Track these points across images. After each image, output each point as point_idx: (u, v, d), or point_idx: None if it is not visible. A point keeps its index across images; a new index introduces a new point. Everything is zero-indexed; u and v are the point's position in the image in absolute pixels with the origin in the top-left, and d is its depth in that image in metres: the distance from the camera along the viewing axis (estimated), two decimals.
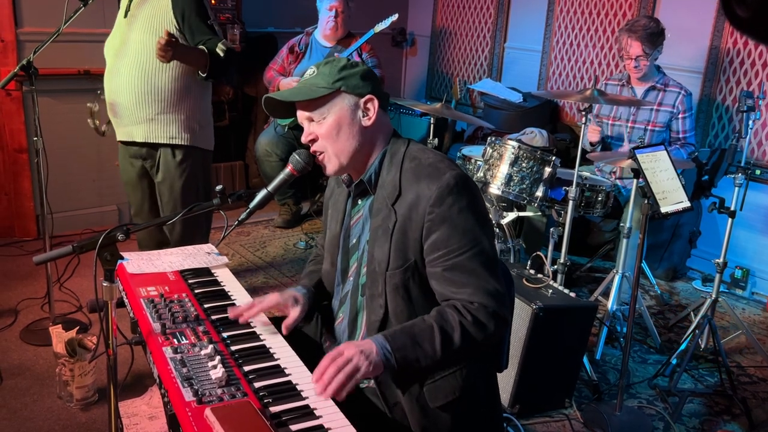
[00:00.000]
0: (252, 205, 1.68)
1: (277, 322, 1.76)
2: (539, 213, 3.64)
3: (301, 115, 1.66)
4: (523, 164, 3.19)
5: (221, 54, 2.77)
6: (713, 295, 3.10)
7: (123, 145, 3.00)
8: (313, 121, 1.63)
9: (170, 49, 2.61)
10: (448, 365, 1.58)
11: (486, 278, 1.54)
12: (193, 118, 2.91)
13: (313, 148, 1.66)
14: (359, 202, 1.72)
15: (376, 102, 1.62)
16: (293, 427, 1.33)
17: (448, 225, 1.54)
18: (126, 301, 1.83)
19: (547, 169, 3.17)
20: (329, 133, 1.62)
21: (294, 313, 1.72)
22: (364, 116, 1.62)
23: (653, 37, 3.53)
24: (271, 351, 1.60)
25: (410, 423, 1.60)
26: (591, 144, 3.72)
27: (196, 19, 2.80)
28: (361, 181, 1.67)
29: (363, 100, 1.62)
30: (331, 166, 1.66)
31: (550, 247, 3.29)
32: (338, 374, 1.39)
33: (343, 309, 1.76)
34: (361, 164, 1.67)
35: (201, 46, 2.78)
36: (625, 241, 3.20)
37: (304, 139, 1.66)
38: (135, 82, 2.79)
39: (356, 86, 1.61)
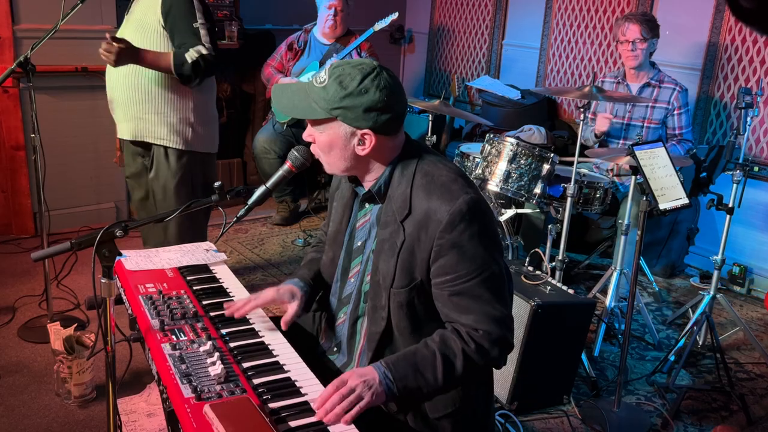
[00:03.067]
0: (250, 201, 1.67)
1: (276, 320, 1.75)
2: (537, 210, 3.65)
3: None
4: (522, 161, 3.19)
5: (188, 61, 2.69)
6: (711, 292, 3.10)
7: (123, 141, 3.03)
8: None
9: (110, 54, 2.59)
10: (449, 390, 1.58)
11: (492, 304, 1.53)
12: (186, 121, 2.87)
13: (312, 149, 1.65)
14: (367, 205, 1.70)
15: (373, 138, 1.54)
16: (292, 424, 1.33)
17: (458, 251, 1.51)
18: (124, 297, 1.83)
19: (546, 166, 3.17)
20: (322, 148, 1.60)
21: (291, 308, 1.72)
22: (359, 145, 1.56)
23: (650, 23, 3.55)
24: (270, 347, 1.60)
25: (411, 428, 1.60)
26: (596, 136, 3.71)
27: (180, 20, 2.74)
28: (369, 191, 1.64)
29: (360, 131, 1.54)
30: (326, 169, 1.65)
31: (549, 244, 3.30)
32: (341, 402, 1.39)
33: (344, 310, 1.74)
34: (360, 174, 1.64)
35: (170, 51, 2.74)
36: (623, 237, 3.20)
37: (304, 136, 1.65)
38: (126, 80, 2.81)
39: (354, 119, 1.52)
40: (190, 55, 2.71)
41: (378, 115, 1.53)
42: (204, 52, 2.72)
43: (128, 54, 2.65)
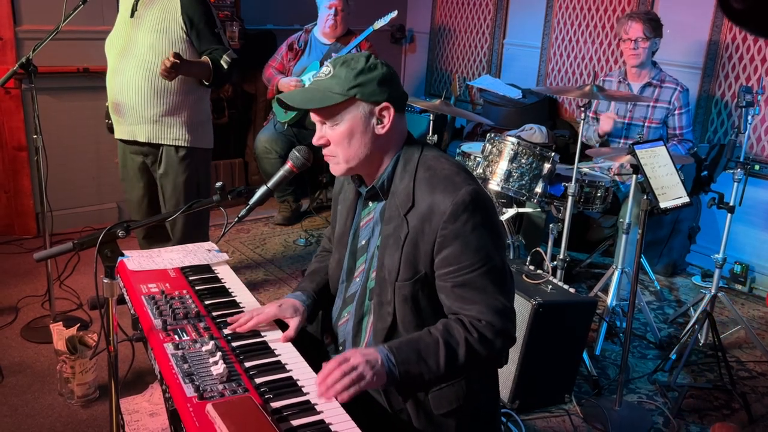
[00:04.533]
0: (252, 201, 1.68)
1: (278, 323, 1.75)
2: (538, 209, 3.65)
3: (313, 116, 1.62)
4: (523, 160, 3.19)
5: (225, 66, 2.80)
6: (713, 291, 3.10)
7: (122, 142, 3.02)
8: (325, 123, 1.60)
9: (174, 72, 2.63)
10: (450, 380, 1.59)
11: (495, 295, 1.54)
12: (195, 118, 2.93)
13: (325, 152, 1.63)
14: (370, 204, 1.71)
15: (392, 110, 1.57)
16: (294, 422, 1.34)
17: (461, 242, 1.52)
18: (127, 297, 1.83)
19: (546, 165, 3.18)
20: (341, 140, 1.58)
21: (293, 324, 1.70)
22: (378, 124, 1.57)
23: (653, 22, 3.55)
24: (272, 347, 1.61)
25: (414, 425, 1.60)
26: (600, 135, 3.71)
27: (204, 27, 2.81)
28: (372, 186, 1.65)
29: (378, 107, 1.56)
30: (338, 170, 1.64)
31: (550, 243, 3.30)
32: (343, 378, 1.39)
33: (348, 309, 1.74)
34: (371, 169, 1.64)
35: (205, 57, 2.80)
36: (624, 236, 3.20)
37: (315, 141, 1.63)
38: (141, 83, 2.81)
39: (372, 93, 1.55)
40: (225, 60, 2.79)
41: (391, 86, 1.58)
42: (234, 56, 2.83)
43: (183, 67, 2.68)
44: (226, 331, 1.65)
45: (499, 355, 1.60)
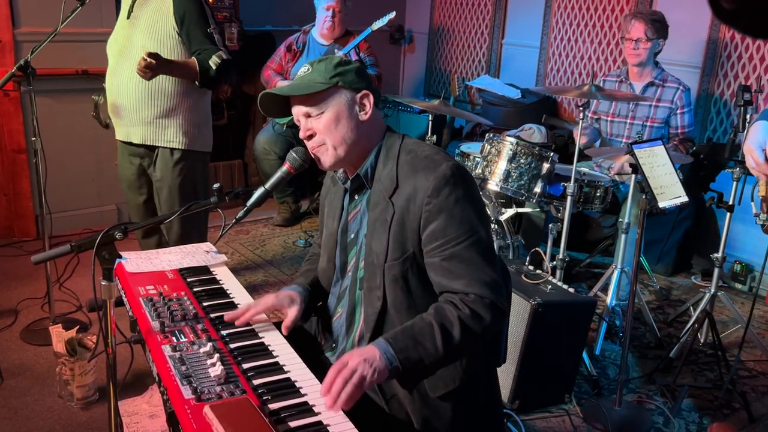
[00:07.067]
0: (249, 203, 1.68)
1: (278, 325, 1.76)
2: (538, 209, 3.65)
3: (298, 111, 1.65)
4: (522, 160, 3.19)
5: (213, 67, 2.77)
6: (712, 290, 3.10)
7: (122, 143, 3.02)
8: (310, 116, 1.64)
9: (149, 71, 2.61)
10: (450, 362, 1.59)
11: (483, 268, 1.55)
12: (190, 121, 2.91)
13: (311, 143, 1.65)
14: (356, 197, 1.73)
15: (371, 97, 1.65)
16: (292, 424, 1.34)
17: (446, 215, 1.55)
18: (125, 299, 1.83)
19: (545, 165, 3.17)
20: (328, 127, 1.62)
21: (291, 313, 1.73)
22: (360, 111, 1.64)
23: (657, 23, 3.54)
24: (270, 348, 1.61)
25: (410, 413, 1.61)
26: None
27: (195, 26, 2.79)
28: (357, 175, 1.68)
29: (359, 95, 1.64)
30: (327, 159, 1.65)
31: (549, 243, 3.30)
32: (346, 386, 1.39)
33: (341, 304, 1.76)
34: (357, 159, 1.68)
35: (193, 58, 2.79)
36: (623, 236, 3.20)
37: (302, 134, 1.66)
38: (136, 85, 2.81)
39: (353, 81, 1.63)
40: (214, 62, 2.77)
41: (367, 78, 1.67)
42: (225, 57, 2.80)
43: (162, 67, 2.67)
44: (226, 319, 1.68)
45: (494, 329, 1.59)
